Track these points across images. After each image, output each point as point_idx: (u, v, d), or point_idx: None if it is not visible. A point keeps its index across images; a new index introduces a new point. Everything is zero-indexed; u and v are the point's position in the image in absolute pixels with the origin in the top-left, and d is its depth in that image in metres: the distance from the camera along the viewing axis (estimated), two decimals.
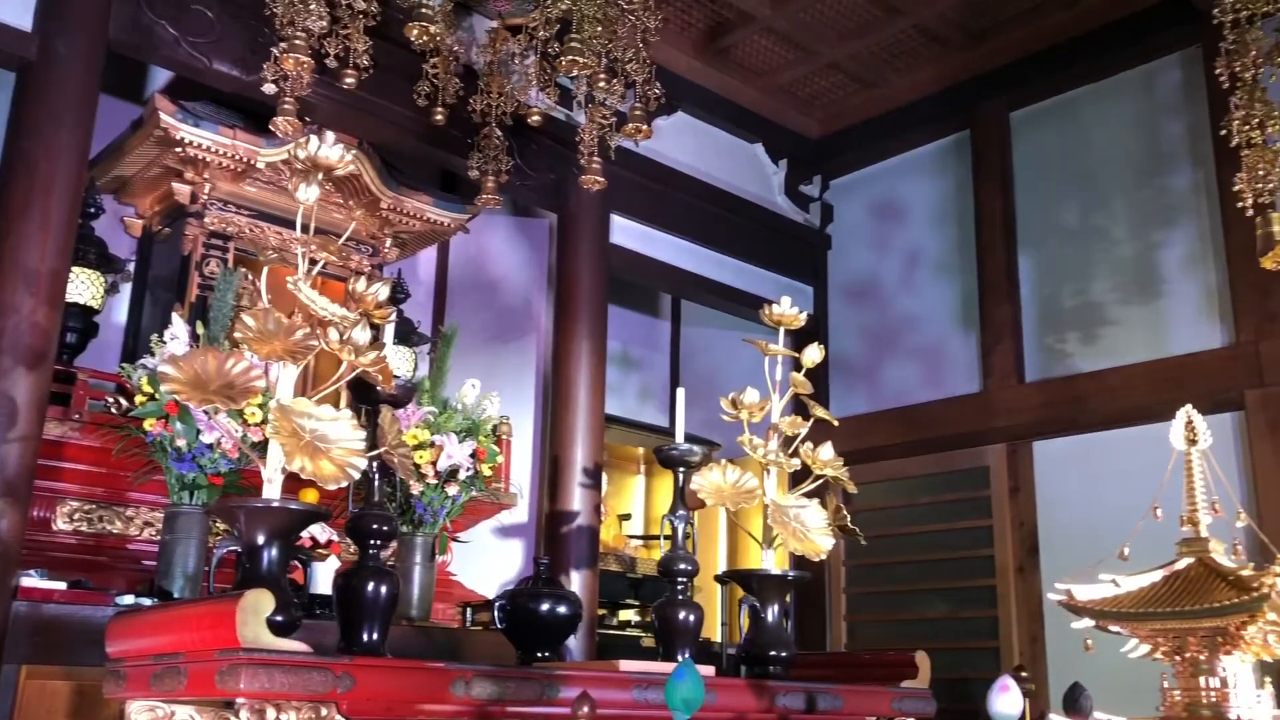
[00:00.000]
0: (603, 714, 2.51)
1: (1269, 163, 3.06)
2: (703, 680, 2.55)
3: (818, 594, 5.64)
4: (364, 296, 2.40)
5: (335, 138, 2.45)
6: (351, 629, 2.39)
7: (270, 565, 2.20)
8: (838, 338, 6.02)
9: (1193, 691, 1.74)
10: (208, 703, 2.02)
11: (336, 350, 2.30)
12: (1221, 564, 1.75)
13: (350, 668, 2.00)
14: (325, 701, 1.97)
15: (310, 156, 2.42)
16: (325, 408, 2.27)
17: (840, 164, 6.14)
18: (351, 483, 2.33)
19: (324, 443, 2.24)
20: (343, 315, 2.35)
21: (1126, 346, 4.80)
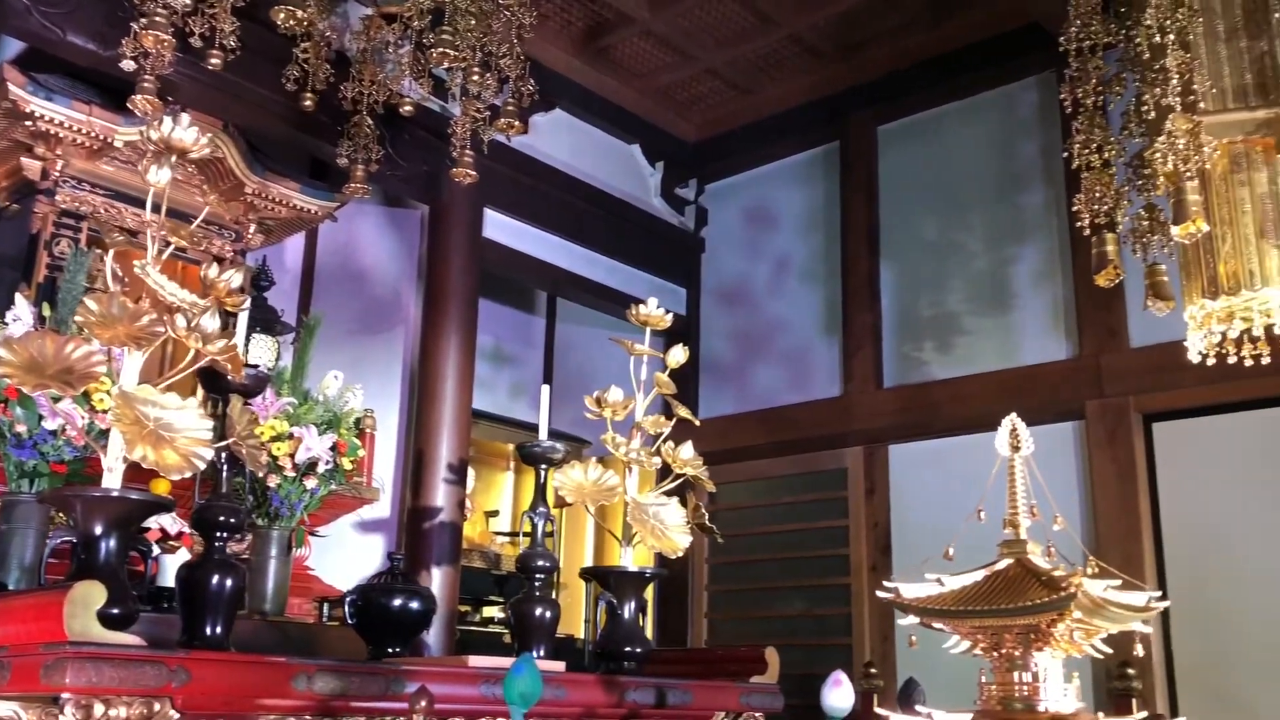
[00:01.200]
0: (451, 709, 2.52)
1: (1105, 185, 3.24)
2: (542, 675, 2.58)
3: (680, 591, 5.73)
4: (216, 283, 2.35)
5: (193, 119, 2.39)
6: (193, 622, 2.34)
7: (107, 557, 2.14)
8: (709, 339, 6.11)
9: (1007, 686, 1.83)
10: (33, 698, 1.96)
11: (184, 337, 2.25)
12: (1037, 565, 1.85)
13: (186, 661, 1.96)
14: (158, 696, 1.93)
15: (164, 138, 2.36)
16: (170, 395, 2.22)
17: (716, 169, 6.24)
18: (199, 473, 2.29)
19: (168, 431, 2.19)
20: (192, 301, 2.30)
21: (978, 356, 5.00)
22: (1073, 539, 1.98)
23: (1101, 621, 1.82)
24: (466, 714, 2.48)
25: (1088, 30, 3.26)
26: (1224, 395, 4.14)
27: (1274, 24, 2.96)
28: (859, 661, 4.78)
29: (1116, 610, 1.81)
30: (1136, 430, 4.47)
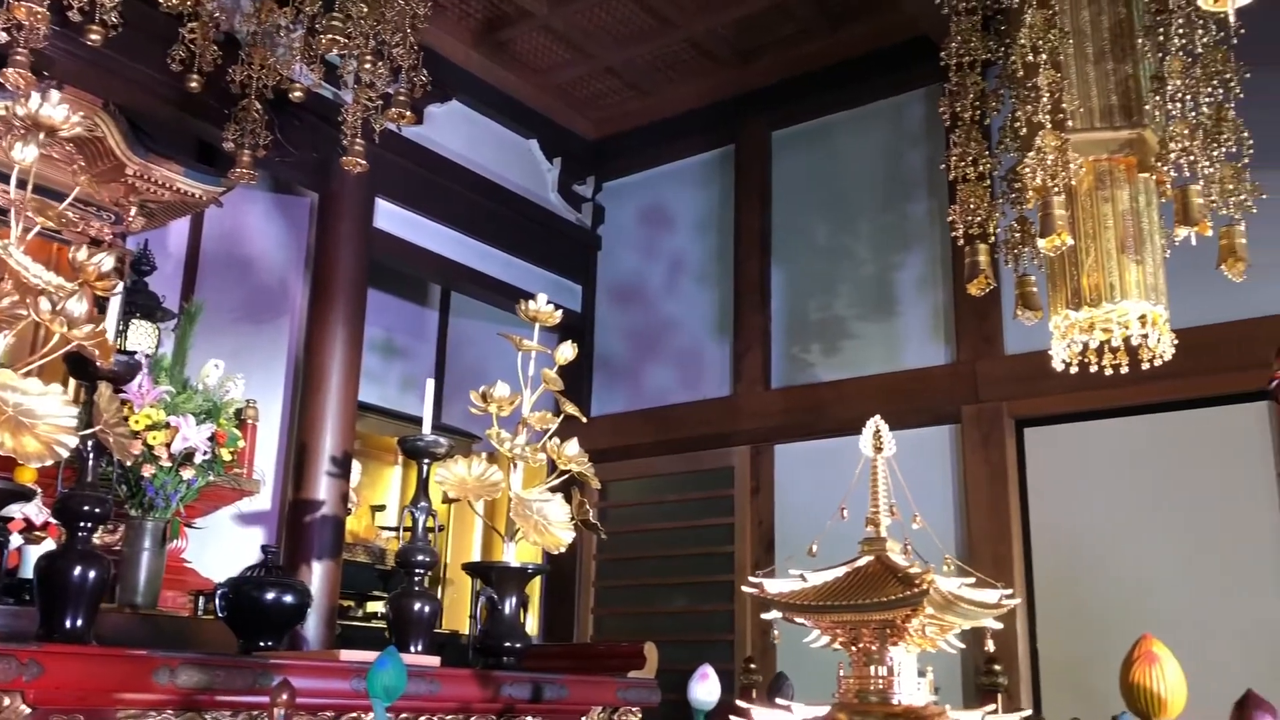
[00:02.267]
0: (321, 703, 2.49)
1: (979, 197, 3.35)
2: (416, 670, 2.57)
3: (567, 587, 5.74)
4: (85, 266, 2.28)
5: (71, 96, 2.33)
6: (52, 615, 2.27)
7: None
8: (603, 337, 6.14)
9: (864, 679, 1.89)
10: None
11: (48, 321, 2.19)
12: (895, 562, 1.91)
13: (38, 655, 1.91)
14: (8, 691, 1.87)
15: (31, 114, 2.28)
16: (32, 381, 2.15)
17: (614, 167, 6.27)
18: (64, 461, 2.22)
19: (29, 418, 2.12)
20: (58, 284, 2.24)
21: (863, 359, 5.13)
22: (931, 537, 2.05)
23: (953, 617, 1.89)
24: (337, 708, 2.46)
25: (967, 47, 3.37)
26: (1090, 403, 4.32)
27: (1138, 49, 3.10)
28: (740, 657, 4.86)
29: (967, 607, 1.88)
30: (1009, 434, 4.63)
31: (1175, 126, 2.94)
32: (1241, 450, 4.08)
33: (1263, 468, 4.02)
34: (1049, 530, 4.52)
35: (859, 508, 2.32)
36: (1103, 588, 4.33)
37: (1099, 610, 4.32)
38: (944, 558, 2.01)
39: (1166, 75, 2.98)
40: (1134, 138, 3.05)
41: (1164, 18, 3.00)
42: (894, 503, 2.01)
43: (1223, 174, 3.10)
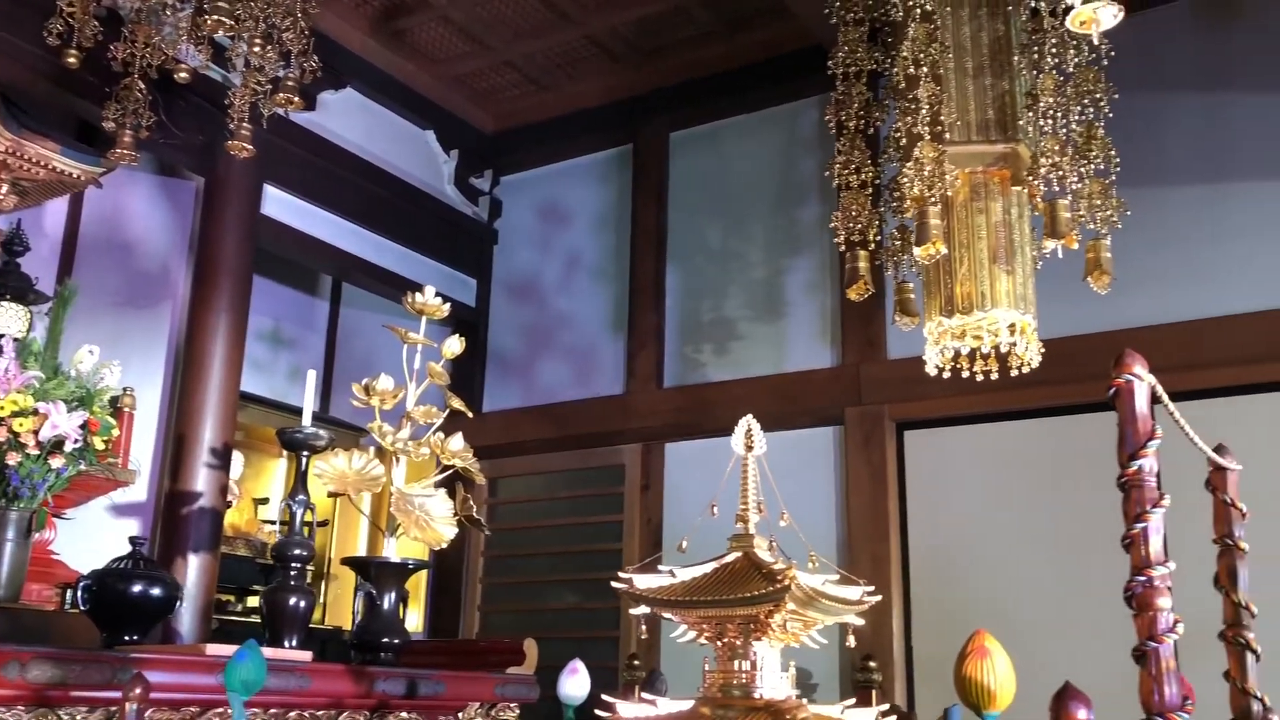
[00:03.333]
0: (185, 698, 2.44)
1: (861, 205, 3.44)
2: (287, 665, 2.54)
3: (454, 584, 5.71)
4: None
5: None
6: None
7: None
8: (497, 332, 6.12)
9: (728, 673, 1.92)
10: None
11: None
12: (761, 558, 1.95)
13: None
14: None
15: None
16: None
17: (512, 161, 6.24)
18: None
19: None
20: None
21: (752, 360, 5.20)
22: (798, 535, 2.09)
23: (815, 613, 1.93)
24: (201, 703, 2.41)
25: (854, 57, 3.45)
26: (966, 407, 4.45)
27: (1014, 66, 3.22)
28: (625, 654, 4.90)
29: (829, 603, 1.93)
30: (889, 436, 4.75)
31: (1047, 142, 3.06)
32: (1104, 456, 4.23)
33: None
34: (925, 530, 4.65)
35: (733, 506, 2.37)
36: (975, 587, 4.47)
37: (971, 608, 4.44)
38: (809, 554, 2.06)
39: (1040, 92, 3.09)
40: (1008, 152, 3.16)
41: (1038, 36, 3.11)
42: (762, 500, 2.05)
43: (1091, 190, 3.23)
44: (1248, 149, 4.32)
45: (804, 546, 2.26)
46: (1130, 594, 1.58)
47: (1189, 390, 4.18)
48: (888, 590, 4.53)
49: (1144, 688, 1.53)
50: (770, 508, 2.16)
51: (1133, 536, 1.58)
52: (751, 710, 1.86)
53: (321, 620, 5.79)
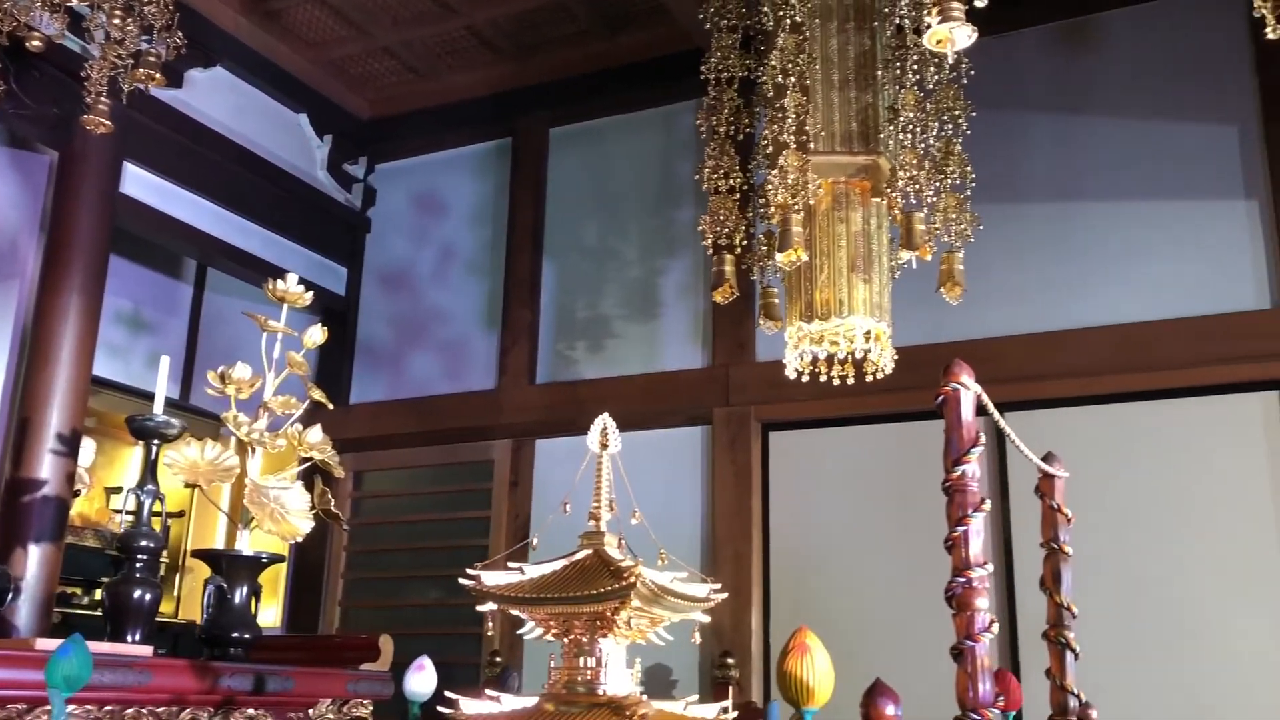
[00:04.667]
0: (11, 695, 2.34)
1: (729, 209, 3.50)
2: (123, 660, 2.46)
3: (314, 578, 5.59)
4: None
5: None
6: None
7: None
8: (367, 322, 6.02)
9: (573, 670, 1.93)
10: None
11: None
12: (611, 556, 1.97)
13: None
14: None
15: None
16: None
17: (388, 149, 6.14)
18: None
19: None
20: None
21: (624, 359, 5.23)
22: (649, 533, 2.12)
23: (661, 611, 1.96)
24: (29, 700, 2.31)
25: (726, 63, 3.51)
26: (827, 411, 4.56)
27: (878, 80, 3.31)
28: (488, 650, 4.87)
29: (675, 600, 1.96)
30: (755, 437, 4.83)
31: (905, 156, 3.16)
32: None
33: None
34: (786, 529, 4.75)
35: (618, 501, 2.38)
36: (833, 586, 4.58)
37: (829, 607, 4.56)
38: (659, 552, 2.08)
39: (901, 107, 3.19)
40: (869, 164, 3.25)
41: (901, 53, 3.21)
42: (614, 499, 2.06)
43: (947, 204, 3.35)
44: (1097, 171, 4.53)
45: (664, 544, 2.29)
46: (950, 594, 1.65)
47: (1038, 399, 4.40)
48: (747, 588, 4.62)
49: (959, 684, 1.60)
50: (623, 505, 2.18)
51: (954, 539, 1.65)
52: (594, 707, 1.88)
53: (175, 614, 5.61)
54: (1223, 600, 3.97)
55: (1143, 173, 4.46)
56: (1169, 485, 4.15)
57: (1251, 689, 3.85)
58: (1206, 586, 4.01)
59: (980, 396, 1.74)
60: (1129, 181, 4.47)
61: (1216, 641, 3.94)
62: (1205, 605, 3.99)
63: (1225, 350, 4.12)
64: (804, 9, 3.22)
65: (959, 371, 1.71)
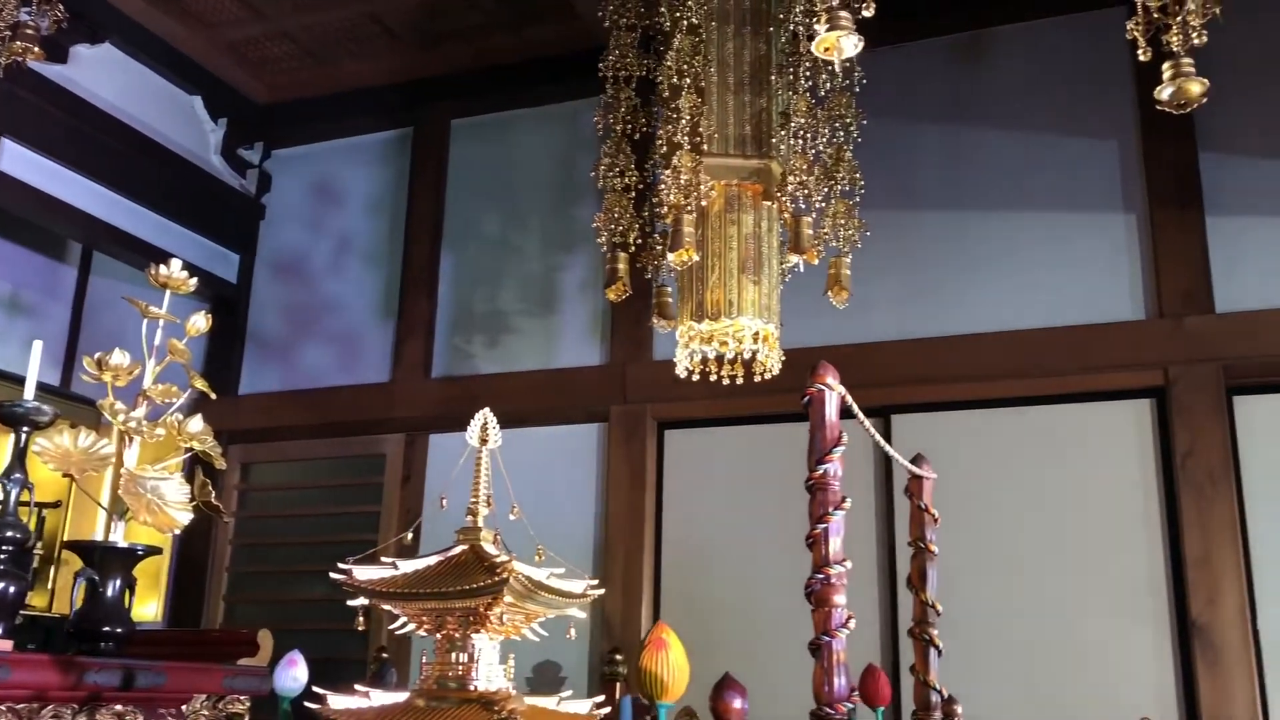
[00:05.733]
0: None
1: (623, 208, 3.51)
2: None
3: (198, 572, 5.45)
4: None
5: None
6: None
7: None
8: (259, 311, 5.89)
9: (445, 665, 1.92)
10: None
11: None
12: (486, 551, 1.96)
13: None
14: None
15: None
16: None
17: (285, 135, 6.02)
18: None
19: None
20: None
21: (522, 355, 5.21)
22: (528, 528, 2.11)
23: (536, 606, 1.96)
24: None
25: (624, 62, 3.52)
26: (720, 410, 4.61)
27: (771, 85, 3.36)
28: (375, 646, 4.81)
29: (550, 596, 1.95)
30: (650, 435, 4.86)
31: (796, 161, 3.20)
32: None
33: (861, 479, 4.44)
34: (679, 526, 4.78)
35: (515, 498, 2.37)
36: (723, 583, 4.63)
37: (719, 604, 4.62)
38: (537, 548, 2.08)
39: (793, 113, 3.24)
40: (761, 167, 3.29)
41: (795, 59, 3.26)
42: (490, 493, 2.06)
43: (836, 209, 3.41)
44: (987, 181, 4.66)
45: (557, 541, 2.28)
46: (810, 590, 1.68)
47: (925, 403, 4.51)
48: (638, 584, 4.64)
49: (816, 679, 1.63)
50: (509, 501, 2.17)
51: (815, 536, 1.68)
52: (465, 703, 1.86)
53: (49, 608, 5.41)
54: (1093, 601, 4.12)
55: (1030, 184, 4.60)
56: (1048, 488, 4.29)
57: (1117, 689, 4.00)
58: (1079, 587, 4.15)
59: (845, 398, 1.77)
60: (1017, 192, 4.61)
61: (1087, 642, 4.09)
62: (1077, 606, 4.14)
63: (1103, 359, 4.27)
64: (701, 12, 3.25)
65: (824, 373, 1.75)
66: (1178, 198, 4.30)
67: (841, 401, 1.75)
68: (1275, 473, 4.04)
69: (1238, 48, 4.37)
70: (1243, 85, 4.35)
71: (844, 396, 1.76)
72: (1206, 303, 4.17)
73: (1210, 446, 4.02)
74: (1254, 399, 4.12)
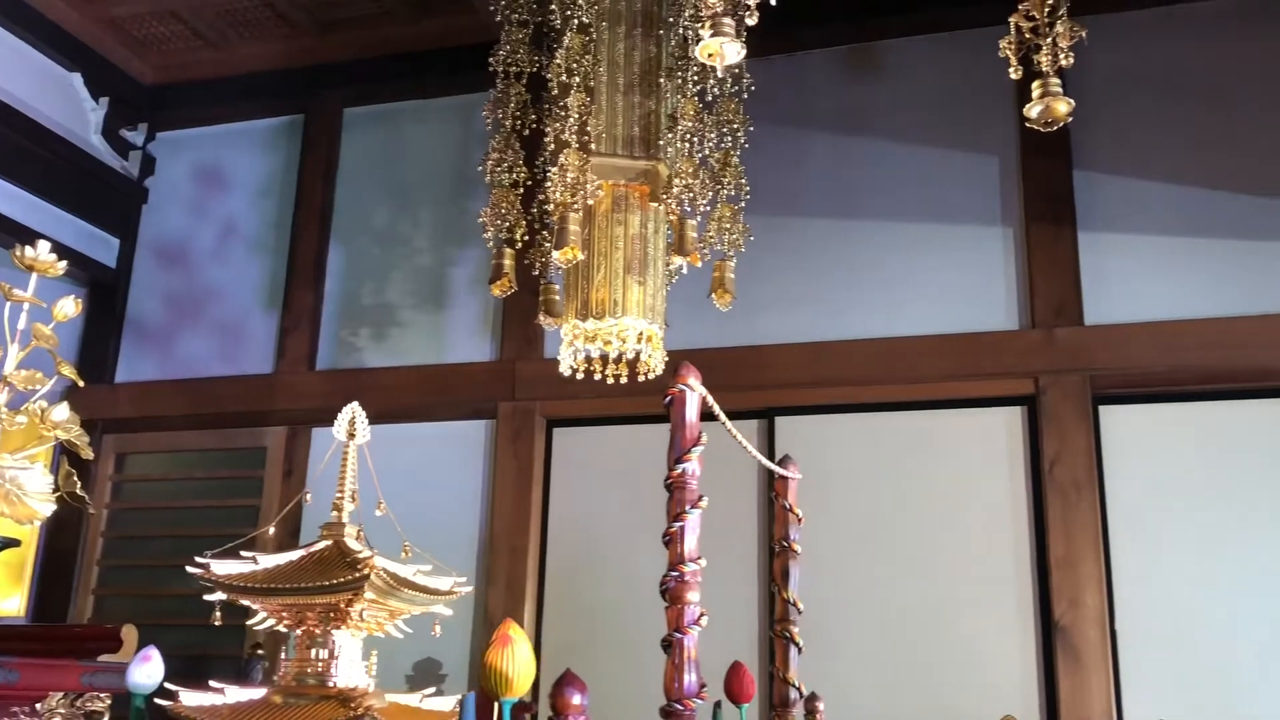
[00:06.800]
0: None
1: (510, 203, 3.50)
2: None
3: (65, 565, 5.26)
4: None
5: None
6: None
7: None
8: (139, 297, 5.71)
9: (304, 662, 1.90)
10: None
11: None
12: (350, 546, 1.94)
13: None
14: None
15: None
16: None
17: (171, 117, 5.84)
18: None
19: None
20: None
21: (410, 349, 5.15)
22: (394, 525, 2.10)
23: (399, 603, 1.94)
24: None
25: (515, 57, 3.51)
26: (607, 409, 4.62)
27: (661, 87, 3.38)
28: (250, 642, 4.71)
29: (414, 593, 1.94)
30: (539, 433, 4.84)
31: (683, 164, 3.23)
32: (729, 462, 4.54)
33: (744, 480, 4.50)
34: (566, 526, 4.78)
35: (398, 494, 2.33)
36: (608, 582, 4.65)
37: (603, 602, 4.63)
38: (403, 545, 2.06)
39: (680, 116, 3.27)
40: (648, 169, 3.31)
41: (685, 62, 3.29)
42: (355, 488, 2.04)
43: (722, 213, 3.45)
44: (874, 191, 4.76)
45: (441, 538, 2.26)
46: (664, 588, 1.70)
47: (808, 405, 4.59)
48: (522, 582, 4.63)
49: (667, 675, 1.66)
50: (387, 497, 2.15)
51: (671, 534, 1.71)
52: (322, 699, 1.84)
53: None
54: (964, 602, 4.25)
55: (915, 196, 4.72)
56: (924, 490, 4.40)
57: (983, 687, 4.13)
58: (951, 588, 4.27)
59: (706, 399, 1.80)
60: (902, 203, 4.72)
61: (957, 641, 4.21)
62: (949, 606, 4.26)
63: (978, 367, 4.40)
64: (592, 11, 3.26)
65: (686, 374, 1.77)
66: (1052, 213, 4.46)
67: (703, 402, 1.78)
68: (1136, 480, 4.21)
69: (1112, 72, 4.56)
70: (1115, 107, 4.54)
71: (705, 398, 1.79)
72: (1076, 315, 4.33)
73: (1076, 453, 4.17)
74: (1118, 409, 4.29)
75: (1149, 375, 4.23)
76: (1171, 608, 4.06)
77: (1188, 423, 4.23)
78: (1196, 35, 4.55)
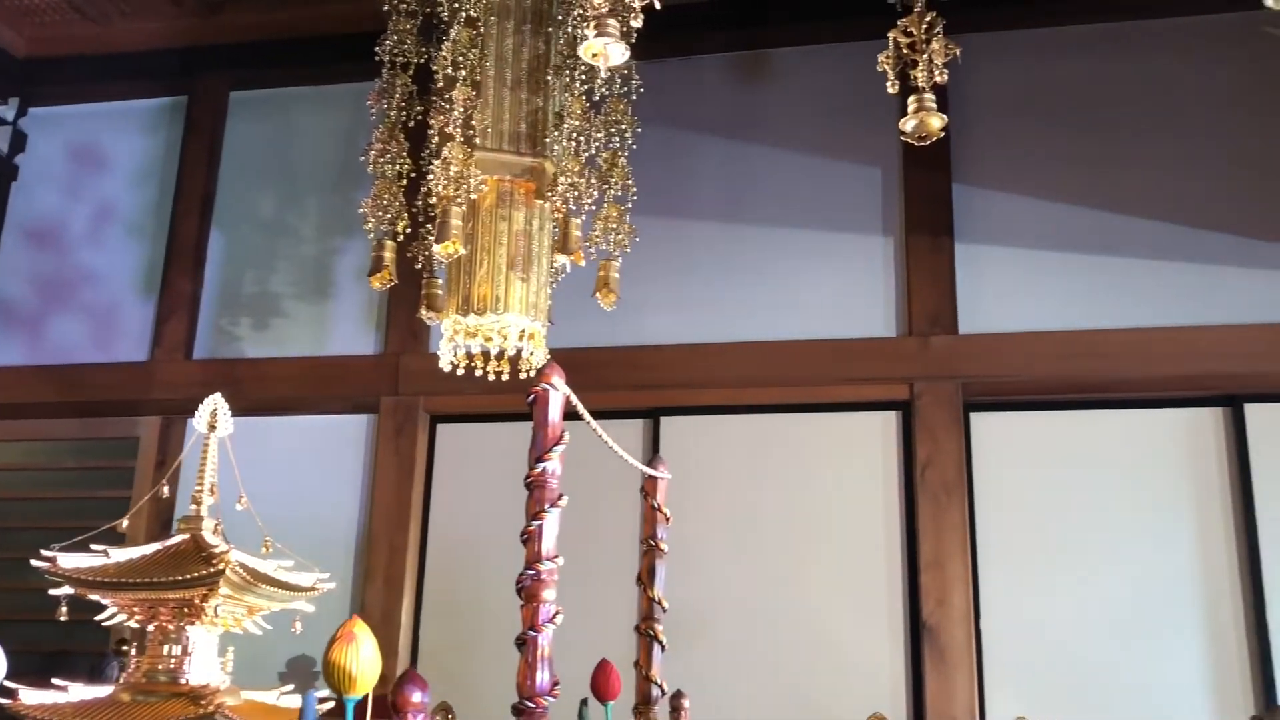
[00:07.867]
0: None
1: (392, 195, 3.46)
2: None
3: None
4: None
5: None
6: None
7: None
8: (7, 279, 5.49)
9: (156, 658, 1.85)
10: None
11: None
12: (207, 541, 1.89)
13: None
14: None
15: None
16: None
17: (45, 92, 5.62)
18: None
19: None
20: None
21: (292, 340, 5.05)
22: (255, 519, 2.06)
23: (256, 599, 1.91)
24: None
25: (401, 48, 3.47)
26: (492, 405, 4.60)
27: (549, 85, 3.38)
28: (115, 639, 4.56)
29: (273, 589, 1.91)
30: (422, 429, 4.80)
31: (569, 162, 3.24)
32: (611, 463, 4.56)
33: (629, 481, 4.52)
34: (447, 522, 4.75)
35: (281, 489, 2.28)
36: (488, 580, 4.61)
37: (483, 601, 4.60)
38: (264, 540, 2.03)
39: (568, 114, 3.27)
40: (534, 166, 3.31)
41: (573, 61, 3.30)
42: (214, 482, 1.99)
43: (608, 213, 3.46)
44: (761, 197, 4.84)
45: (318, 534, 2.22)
46: (520, 586, 1.71)
47: (693, 406, 4.64)
48: (400, 579, 4.58)
49: (520, 673, 1.66)
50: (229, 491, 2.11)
51: (530, 533, 1.72)
52: (173, 696, 1.80)
53: None
54: (837, 601, 4.34)
55: (800, 202, 4.80)
56: (801, 491, 4.49)
57: (853, 685, 4.23)
58: (824, 587, 4.37)
59: (570, 398, 1.81)
60: (788, 209, 4.80)
61: (829, 640, 4.30)
62: (822, 605, 4.35)
63: (856, 371, 4.51)
64: (480, 5, 3.24)
65: (550, 373, 1.79)
66: (931, 225, 4.59)
67: (566, 402, 1.79)
68: (1003, 485, 4.36)
69: (992, 90, 4.71)
70: (994, 124, 4.69)
71: (569, 397, 1.80)
72: (951, 324, 4.46)
73: (947, 458, 4.30)
74: (988, 415, 4.44)
75: (1017, 384, 4.39)
76: (1031, 606, 4.22)
77: (1051, 430, 4.40)
78: (1071, 58, 4.73)
